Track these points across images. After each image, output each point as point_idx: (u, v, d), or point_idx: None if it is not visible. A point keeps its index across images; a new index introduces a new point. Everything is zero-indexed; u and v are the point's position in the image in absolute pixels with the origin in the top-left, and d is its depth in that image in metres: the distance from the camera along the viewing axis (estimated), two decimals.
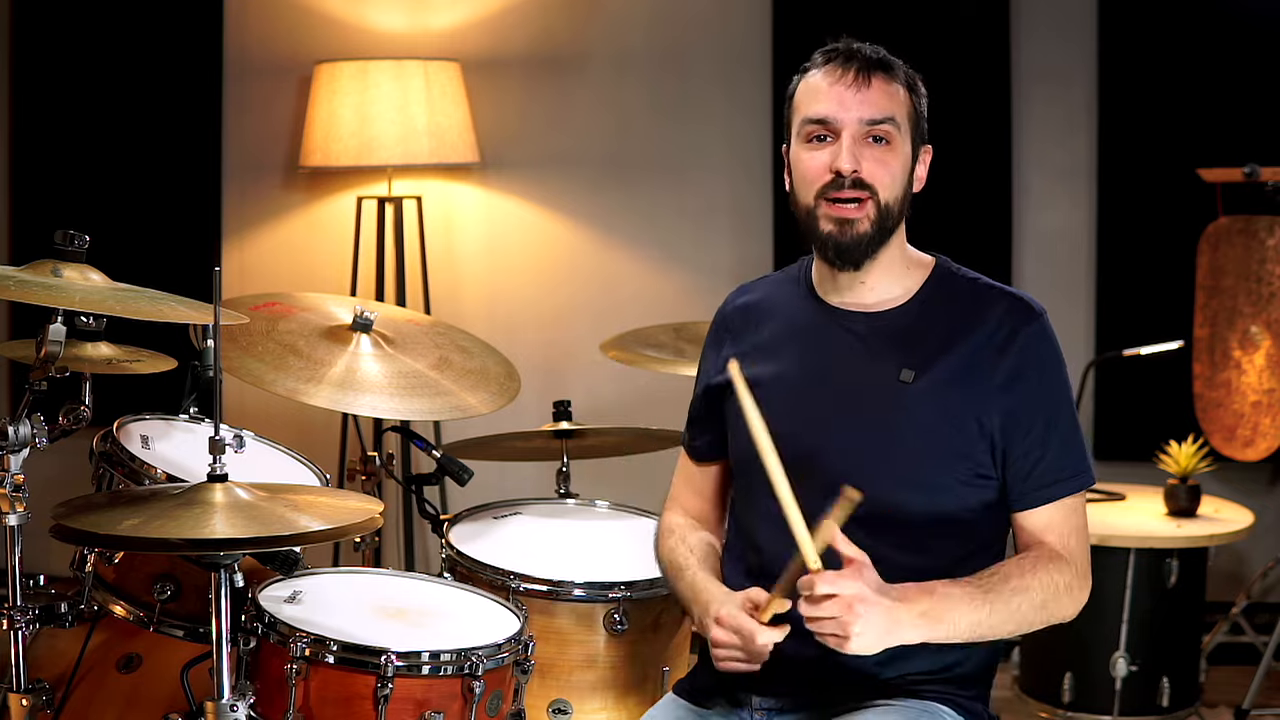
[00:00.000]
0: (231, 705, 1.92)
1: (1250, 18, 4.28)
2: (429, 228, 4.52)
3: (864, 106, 2.02)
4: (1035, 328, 2.04)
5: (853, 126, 2.01)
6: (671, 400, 4.14)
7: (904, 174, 2.05)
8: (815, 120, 2.03)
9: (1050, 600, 2.00)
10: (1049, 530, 2.04)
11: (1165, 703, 3.57)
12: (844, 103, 2.02)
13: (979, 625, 1.94)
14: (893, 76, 2.05)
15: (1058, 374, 2.06)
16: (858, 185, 2.01)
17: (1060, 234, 4.49)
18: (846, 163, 2.00)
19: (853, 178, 2.01)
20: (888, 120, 2.02)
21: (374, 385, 2.58)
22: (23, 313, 4.59)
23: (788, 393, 2.08)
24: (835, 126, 2.02)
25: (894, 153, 2.03)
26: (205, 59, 4.60)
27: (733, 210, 4.59)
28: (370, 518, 1.96)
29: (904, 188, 2.05)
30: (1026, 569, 1.99)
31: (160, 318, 2.08)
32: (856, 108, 2.02)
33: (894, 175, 2.03)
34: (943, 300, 2.07)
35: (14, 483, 2.12)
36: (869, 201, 2.02)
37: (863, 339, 2.07)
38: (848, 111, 2.02)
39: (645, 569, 2.44)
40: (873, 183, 2.02)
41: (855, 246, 2.03)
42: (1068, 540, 2.03)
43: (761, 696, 2.09)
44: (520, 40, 4.59)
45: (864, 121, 2.02)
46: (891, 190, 2.03)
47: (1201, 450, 3.71)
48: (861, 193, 2.01)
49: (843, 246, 2.03)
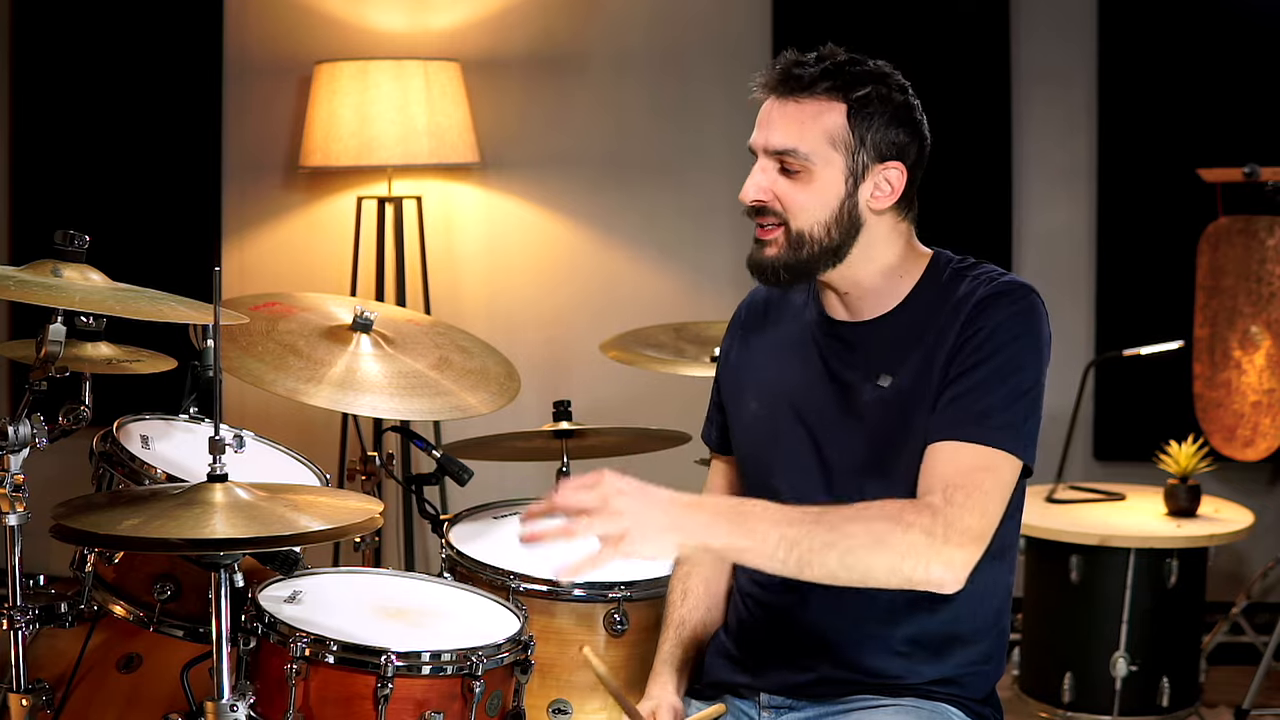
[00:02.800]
0: (231, 705, 1.92)
1: (1250, 17, 4.28)
2: (429, 228, 4.52)
3: (771, 132, 1.98)
4: (1002, 294, 1.98)
5: (762, 155, 2.00)
6: (671, 400, 4.16)
7: (824, 202, 1.98)
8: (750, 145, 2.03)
9: (897, 547, 1.81)
10: (937, 472, 1.89)
11: (1165, 703, 3.57)
12: (759, 124, 2.00)
13: (795, 544, 1.78)
14: (809, 95, 1.96)
15: (1001, 335, 1.95)
16: (762, 212, 2.00)
17: (1060, 234, 4.49)
18: (748, 192, 2.00)
19: (753, 205, 2.00)
20: (787, 153, 1.97)
21: (374, 385, 2.58)
22: (23, 313, 4.59)
23: (773, 401, 2.11)
24: (755, 151, 2.02)
25: (803, 184, 1.97)
26: (205, 59, 4.60)
27: (733, 210, 4.55)
28: (370, 518, 1.96)
29: (829, 214, 1.98)
30: (885, 508, 1.84)
31: (160, 318, 2.08)
32: (764, 134, 1.99)
33: (805, 205, 1.98)
34: (930, 298, 2.04)
35: (14, 483, 2.12)
36: (779, 229, 2.00)
37: (852, 347, 2.06)
38: (759, 135, 2.00)
39: (645, 569, 2.43)
40: (782, 211, 1.99)
41: (767, 268, 2.02)
42: (953, 494, 1.86)
43: (770, 694, 2.10)
44: (520, 40, 4.59)
45: (767, 151, 1.99)
46: (806, 218, 1.98)
47: (1201, 450, 3.71)
48: (768, 218, 2.01)
49: (753, 265, 2.04)
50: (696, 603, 2.22)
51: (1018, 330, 1.96)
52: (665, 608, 2.24)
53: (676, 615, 2.21)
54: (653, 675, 2.17)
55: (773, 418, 2.11)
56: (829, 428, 2.04)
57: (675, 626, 2.20)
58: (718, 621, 2.22)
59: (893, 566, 1.82)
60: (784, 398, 2.10)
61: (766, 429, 2.11)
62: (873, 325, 2.06)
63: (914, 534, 1.82)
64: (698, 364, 3.37)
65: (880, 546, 1.81)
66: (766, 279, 2.04)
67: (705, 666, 2.20)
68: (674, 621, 2.21)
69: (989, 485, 1.89)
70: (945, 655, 2.03)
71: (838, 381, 2.05)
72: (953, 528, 1.84)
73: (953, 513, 1.85)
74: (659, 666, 2.17)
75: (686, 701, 2.16)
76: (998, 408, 1.92)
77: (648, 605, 2.42)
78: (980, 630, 2.05)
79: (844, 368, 2.05)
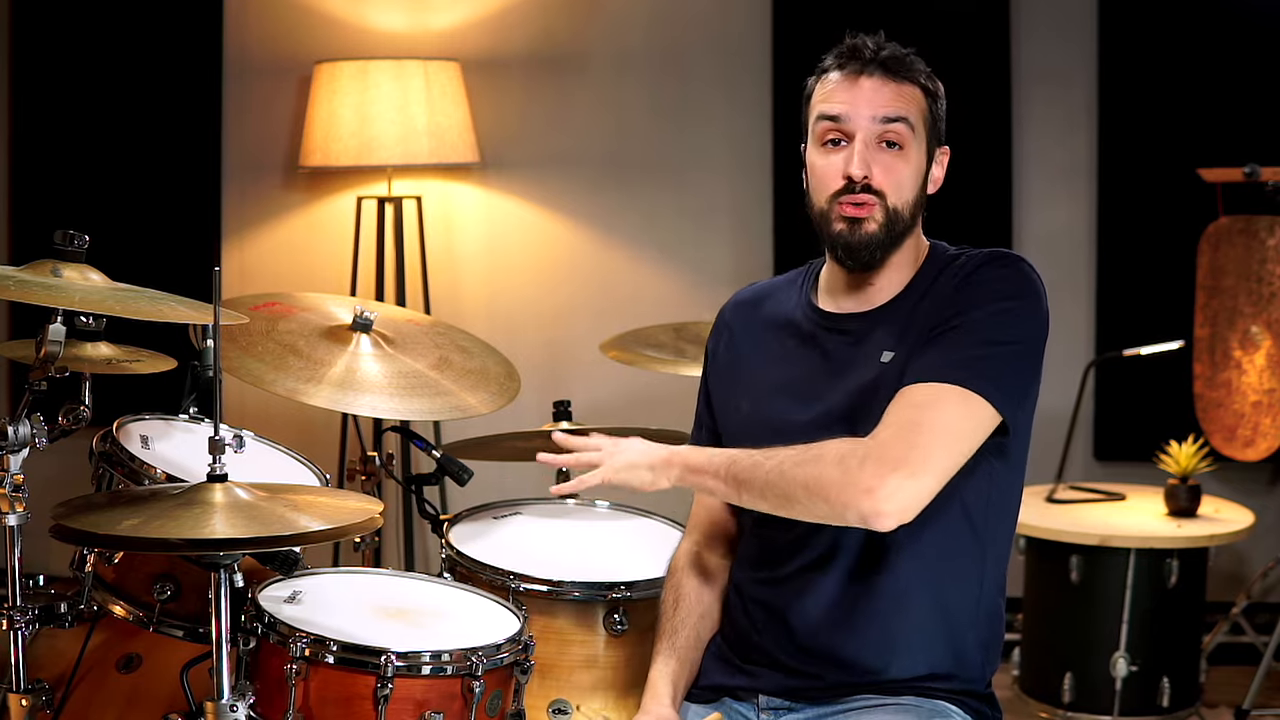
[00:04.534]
0: (231, 705, 1.92)
1: (1251, 17, 4.28)
2: (429, 228, 4.53)
3: (877, 105, 2.01)
4: (990, 259, 2.02)
5: (865, 126, 2.01)
6: (671, 400, 4.16)
7: (915, 178, 2.04)
8: (829, 117, 2.03)
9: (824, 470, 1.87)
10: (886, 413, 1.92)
11: (1165, 703, 3.57)
12: (857, 101, 2.02)
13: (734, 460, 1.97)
14: (908, 76, 2.04)
15: (996, 296, 1.97)
16: (867, 190, 2.01)
17: (1060, 234, 4.49)
18: (857, 168, 2.00)
19: (863, 183, 2.01)
20: (900, 120, 2.01)
21: (374, 385, 2.58)
22: (23, 313, 4.59)
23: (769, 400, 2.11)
24: (848, 127, 2.02)
25: (905, 158, 2.03)
26: (205, 59, 4.60)
27: (733, 210, 4.59)
28: (370, 518, 1.96)
29: (916, 192, 2.05)
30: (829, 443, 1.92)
31: (160, 318, 2.08)
32: (869, 106, 2.01)
33: (904, 181, 2.03)
34: (930, 280, 2.06)
35: (14, 483, 2.12)
36: (878, 206, 2.01)
37: (855, 336, 2.07)
38: (860, 110, 2.01)
39: (645, 569, 2.44)
40: (882, 188, 2.01)
41: (864, 247, 2.02)
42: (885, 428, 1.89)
43: (769, 695, 2.10)
44: (520, 40, 4.59)
45: (876, 120, 2.01)
46: (901, 195, 2.02)
47: (1202, 450, 3.72)
48: (871, 197, 2.01)
49: (852, 246, 2.03)
50: (689, 610, 2.21)
51: (1001, 290, 1.98)
52: (659, 617, 2.24)
53: (670, 624, 2.21)
54: (647, 688, 2.15)
55: (767, 418, 2.11)
56: (836, 419, 2.02)
57: (668, 635, 2.19)
58: (712, 628, 2.22)
59: (807, 483, 1.88)
60: (781, 396, 2.10)
61: (760, 429, 2.11)
62: (876, 314, 2.07)
63: (847, 463, 1.86)
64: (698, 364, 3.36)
65: (807, 464, 1.88)
66: (860, 259, 2.03)
67: (702, 669, 2.19)
68: (667, 630, 2.20)
69: (928, 419, 1.89)
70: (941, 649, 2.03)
71: (843, 374, 2.05)
72: (873, 458, 1.86)
73: (880, 444, 1.87)
74: (654, 678, 2.16)
75: (685, 708, 2.15)
76: (963, 353, 1.92)
77: (648, 605, 2.41)
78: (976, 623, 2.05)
79: (849, 359, 2.05)
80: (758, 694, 2.11)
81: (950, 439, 1.89)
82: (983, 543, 2.04)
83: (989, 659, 2.08)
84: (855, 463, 1.86)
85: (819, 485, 1.88)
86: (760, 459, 1.94)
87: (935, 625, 2.02)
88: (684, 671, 2.17)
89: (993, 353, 1.93)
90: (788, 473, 1.91)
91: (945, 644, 2.03)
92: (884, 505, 1.85)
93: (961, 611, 2.03)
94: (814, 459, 1.90)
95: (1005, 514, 2.07)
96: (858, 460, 1.86)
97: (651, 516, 2.72)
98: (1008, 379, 1.93)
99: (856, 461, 1.86)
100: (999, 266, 2.01)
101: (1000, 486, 2.03)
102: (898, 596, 2.01)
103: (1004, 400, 1.92)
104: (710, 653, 2.19)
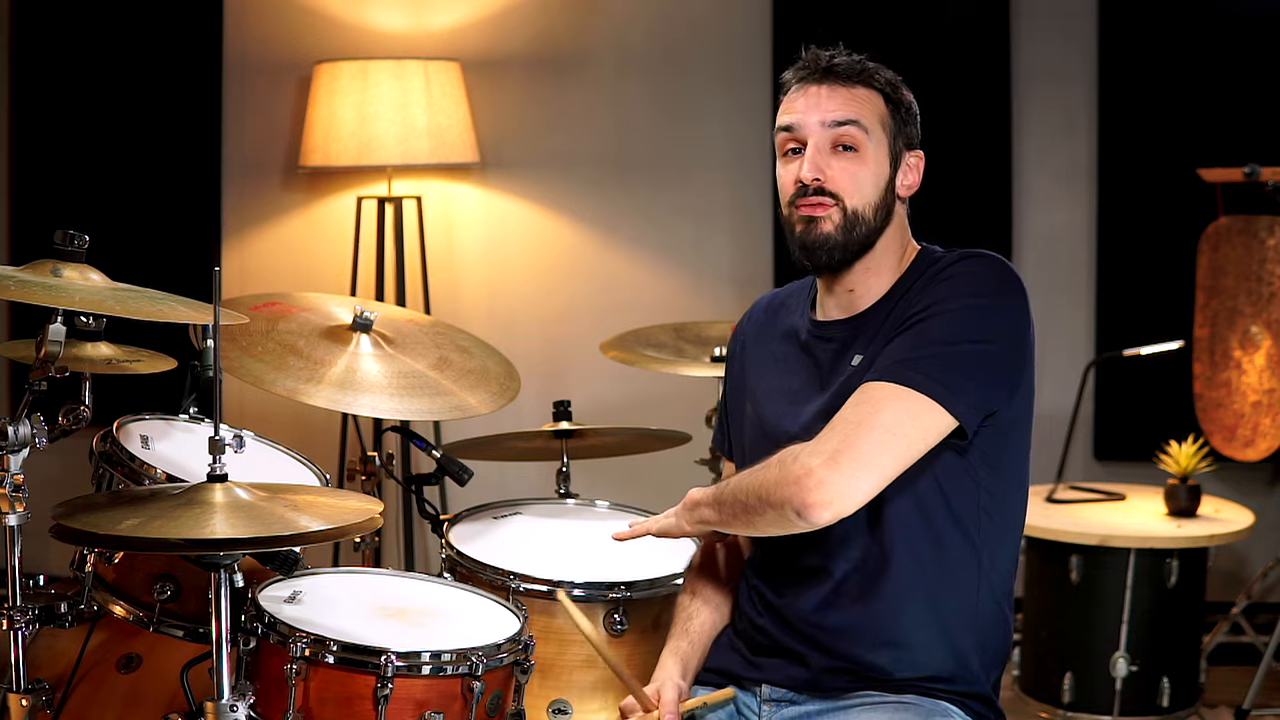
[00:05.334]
0: (231, 705, 1.92)
1: (1251, 17, 4.28)
2: (429, 228, 4.53)
3: (826, 110, 2.03)
4: (962, 257, 2.02)
5: (816, 132, 2.03)
6: (671, 400, 4.16)
7: (876, 181, 2.04)
8: (784, 128, 2.07)
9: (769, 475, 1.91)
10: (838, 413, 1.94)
11: (1165, 703, 3.57)
12: (808, 108, 2.05)
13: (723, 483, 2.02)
14: (861, 81, 2.05)
15: (962, 294, 1.96)
16: (820, 193, 2.03)
17: (1060, 234, 4.49)
18: (808, 171, 2.02)
19: (815, 186, 2.02)
20: (850, 123, 2.03)
21: (374, 385, 2.58)
22: (23, 313, 4.59)
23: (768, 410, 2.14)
24: (801, 134, 2.05)
25: (861, 160, 2.03)
26: (205, 59, 4.60)
27: (733, 210, 4.59)
28: (370, 518, 1.96)
29: (878, 194, 2.05)
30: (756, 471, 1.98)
31: (160, 318, 2.08)
32: (818, 111, 2.03)
33: (861, 183, 2.03)
34: (911, 284, 2.06)
35: (14, 483, 2.12)
36: (834, 207, 2.03)
37: (839, 343, 2.09)
38: (810, 115, 2.04)
39: (645, 569, 2.44)
40: (837, 190, 2.02)
41: (819, 246, 2.03)
42: (828, 427, 1.91)
43: (772, 686, 2.11)
44: (520, 40, 4.59)
45: (825, 125, 2.03)
46: (860, 197, 2.03)
47: (1201, 450, 3.72)
48: (826, 199, 2.03)
49: (808, 245, 2.04)
50: (706, 599, 2.25)
51: (968, 287, 1.97)
52: (676, 605, 2.28)
53: (684, 611, 2.25)
54: (659, 665, 2.19)
55: (765, 426, 2.14)
56: (816, 428, 2.00)
57: (683, 620, 2.24)
58: (726, 619, 2.25)
59: (758, 489, 1.92)
60: (778, 404, 2.13)
61: (761, 441, 2.14)
62: (858, 320, 2.08)
63: (784, 461, 1.90)
64: (698, 364, 3.38)
65: (757, 471, 1.93)
66: (819, 258, 2.05)
67: (712, 654, 2.22)
68: (681, 617, 2.24)
69: (867, 416, 1.89)
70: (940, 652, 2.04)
71: (826, 381, 2.07)
72: (806, 451, 1.88)
73: (816, 440, 1.90)
74: (665, 657, 2.19)
75: (694, 691, 2.17)
76: (916, 352, 1.92)
77: (647, 605, 2.42)
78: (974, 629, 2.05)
79: (832, 367, 2.08)
80: (761, 684, 2.12)
81: (889, 436, 1.88)
82: (977, 549, 2.03)
83: (989, 663, 2.08)
84: (790, 459, 1.90)
85: (763, 488, 1.92)
86: (735, 478, 2.02)
87: (932, 629, 2.03)
88: (695, 654, 2.20)
89: (949, 351, 1.92)
90: (744, 483, 1.97)
91: (944, 647, 2.04)
92: (811, 495, 1.86)
93: (957, 616, 2.04)
94: (763, 466, 1.95)
95: (1002, 521, 2.06)
96: (793, 457, 1.90)
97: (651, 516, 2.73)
98: (959, 379, 1.90)
99: (791, 458, 1.90)
100: (970, 263, 2.01)
101: (991, 492, 2.03)
102: (895, 599, 2.02)
103: (955, 401, 1.90)
104: (720, 640, 2.22)
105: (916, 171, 2.10)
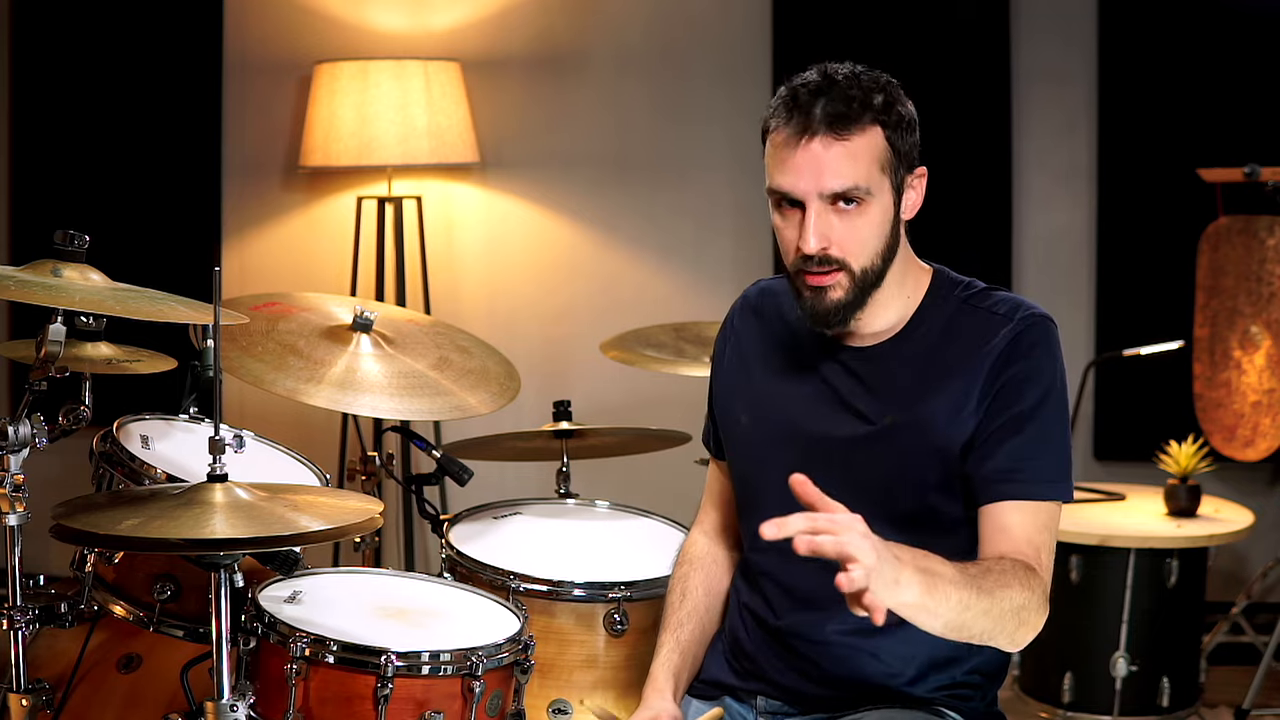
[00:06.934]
0: (231, 705, 1.92)
1: (1251, 17, 4.28)
2: (429, 228, 4.53)
3: (824, 178, 1.91)
4: (1034, 337, 1.98)
5: (815, 201, 1.93)
6: (671, 400, 4.16)
7: (881, 228, 1.95)
8: (778, 192, 1.96)
9: (1024, 609, 1.83)
10: (1014, 532, 1.91)
11: (1165, 703, 3.57)
12: (802, 170, 1.92)
13: (966, 608, 1.75)
14: (858, 128, 1.91)
15: (1045, 379, 1.97)
16: (826, 261, 1.94)
17: (1060, 234, 4.49)
18: (811, 243, 1.93)
19: (820, 255, 1.94)
20: (849, 191, 1.92)
21: (374, 385, 2.58)
22: (23, 313, 4.59)
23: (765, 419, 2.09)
24: (799, 199, 1.94)
25: (864, 212, 1.93)
26: (205, 59, 4.60)
27: (733, 210, 4.59)
28: (370, 518, 1.96)
29: (884, 241, 1.96)
30: (1006, 570, 1.85)
31: (160, 318, 2.08)
32: (815, 180, 1.91)
33: (866, 239, 1.94)
34: (937, 323, 2.01)
35: (14, 483, 2.12)
36: (842, 273, 1.95)
37: (857, 377, 2.03)
38: (806, 183, 1.92)
39: (645, 569, 2.44)
40: (844, 256, 1.94)
41: (831, 313, 1.97)
42: (1039, 554, 1.91)
43: (768, 699, 2.10)
44: (520, 40, 4.59)
45: (824, 196, 1.92)
46: (866, 255, 1.95)
47: (1201, 450, 3.71)
48: (832, 267, 1.95)
49: (818, 314, 1.97)
50: (696, 604, 2.21)
51: (1055, 371, 1.99)
52: (664, 609, 2.23)
53: (675, 617, 2.20)
54: (649, 681, 2.14)
55: (763, 439, 2.09)
56: (826, 460, 1.98)
57: (674, 629, 2.18)
58: (717, 622, 2.22)
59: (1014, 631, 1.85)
60: (777, 417, 2.08)
61: (756, 451, 2.10)
62: (879, 352, 2.02)
63: (1034, 599, 1.86)
64: (698, 364, 3.37)
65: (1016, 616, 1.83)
66: (830, 325, 1.99)
67: (705, 664, 2.19)
68: (672, 624, 2.19)
69: (1052, 538, 1.97)
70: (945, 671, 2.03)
71: (840, 412, 2.02)
72: (1047, 590, 1.90)
73: (1046, 576, 1.92)
74: (656, 672, 2.15)
75: (686, 702, 2.16)
76: (1055, 461, 1.96)
77: (648, 605, 2.42)
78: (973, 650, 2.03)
79: (849, 397, 2.02)
80: (756, 695, 2.11)
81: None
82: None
83: (990, 678, 2.08)
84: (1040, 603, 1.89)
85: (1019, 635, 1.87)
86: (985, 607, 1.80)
87: (935, 648, 2.01)
88: (686, 665, 2.17)
89: (1061, 446, 1.97)
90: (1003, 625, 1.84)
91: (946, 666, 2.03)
92: None
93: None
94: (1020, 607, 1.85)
95: None
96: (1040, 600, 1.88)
97: (651, 516, 2.73)
98: (1068, 467, 1.99)
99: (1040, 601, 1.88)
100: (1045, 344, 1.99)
101: None
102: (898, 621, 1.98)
103: (1070, 489, 2.00)
104: (714, 648, 2.19)
105: (919, 190, 2.01)
